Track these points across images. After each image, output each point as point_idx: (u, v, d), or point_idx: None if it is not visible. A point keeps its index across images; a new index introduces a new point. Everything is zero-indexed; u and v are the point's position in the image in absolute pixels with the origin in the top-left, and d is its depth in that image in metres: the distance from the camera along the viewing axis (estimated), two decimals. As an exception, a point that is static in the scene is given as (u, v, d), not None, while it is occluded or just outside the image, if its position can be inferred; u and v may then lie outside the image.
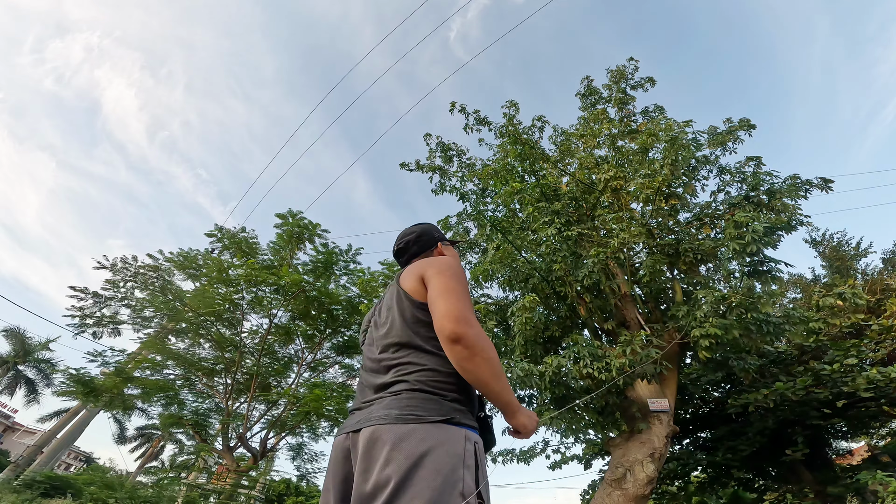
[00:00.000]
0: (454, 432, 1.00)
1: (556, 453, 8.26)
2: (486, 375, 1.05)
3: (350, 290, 10.15)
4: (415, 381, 1.08)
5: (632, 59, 8.02)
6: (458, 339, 1.03)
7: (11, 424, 34.74)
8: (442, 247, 1.52)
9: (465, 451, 0.98)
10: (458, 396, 1.09)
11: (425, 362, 1.11)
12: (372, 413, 1.05)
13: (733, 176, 6.80)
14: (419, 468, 0.91)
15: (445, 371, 1.10)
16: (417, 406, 1.03)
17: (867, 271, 14.23)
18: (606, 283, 5.76)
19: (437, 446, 0.95)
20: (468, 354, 1.03)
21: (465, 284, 1.19)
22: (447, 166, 8.44)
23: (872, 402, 6.56)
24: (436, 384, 1.08)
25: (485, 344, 1.05)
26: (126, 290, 10.34)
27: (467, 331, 1.03)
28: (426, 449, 0.94)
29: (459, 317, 1.04)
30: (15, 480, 14.13)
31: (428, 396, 1.05)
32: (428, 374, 1.09)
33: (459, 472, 0.93)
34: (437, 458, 0.93)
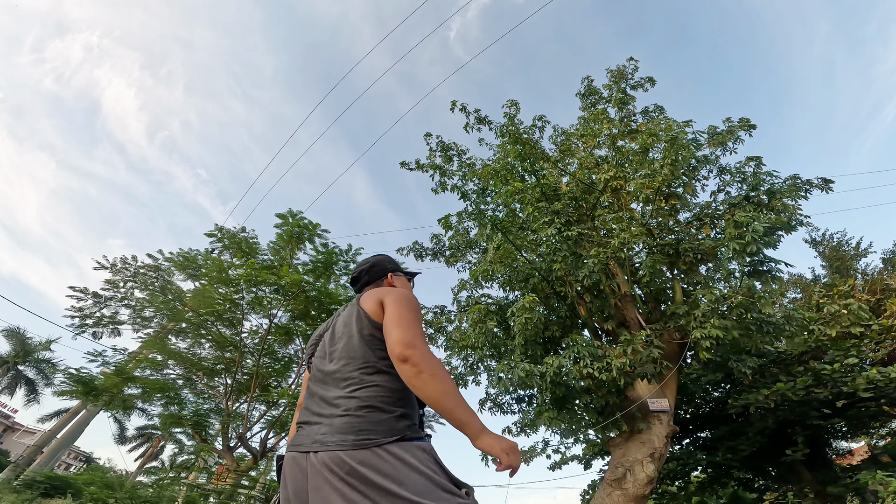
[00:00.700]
0: (409, 449, 1.08)
1: (556, 453, 8.25)
2: (437, 392, 1.11)
3: (350, 290, 10.15)
4: (365, 397, 1.17)
5: (632, 59, 8.03)
6: (406, 359, 1.13)
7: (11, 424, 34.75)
8: (392, 277, 1.65)
9: (428, 465, 1.06)
10: (406, 411, 1.18)
11: (375, 379, 1.21)
12: (326, 435, 1.12)
13: (733, 176, 6.80)
14: (397, 497, 0.98)
15: (392, 388, 1.20)
16: (371, 428, 1.10)
17: (867, 271, 14.24)
18: (606, 283, 5.76)
19: (405, 471, 1.03)
20: (415, 371, 1.12)
21: (418, 313, 1.31)
22: (447, 166, 8.44)
23: (872, 402, 6.56)
24: (384, 399, 1.17)
25: (433, 363, 1.14)
26: (126, 290, 10.34)
27: (414, 352, 1.14)
28: (397, 477, 1.01)
29: (408, 342, 1.16)
30: (15, 480, 14.13)
31: (378, 414, 1.14)
32: (377, 391, 1.19)
33: (435, 479, 1.03)
34: (411, 482, 1.01)
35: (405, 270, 1.75)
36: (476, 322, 6.12)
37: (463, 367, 7.55)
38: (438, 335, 7.86)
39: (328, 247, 10.19)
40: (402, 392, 1.20)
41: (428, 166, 8.38)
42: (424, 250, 8.75)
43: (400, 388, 1.20)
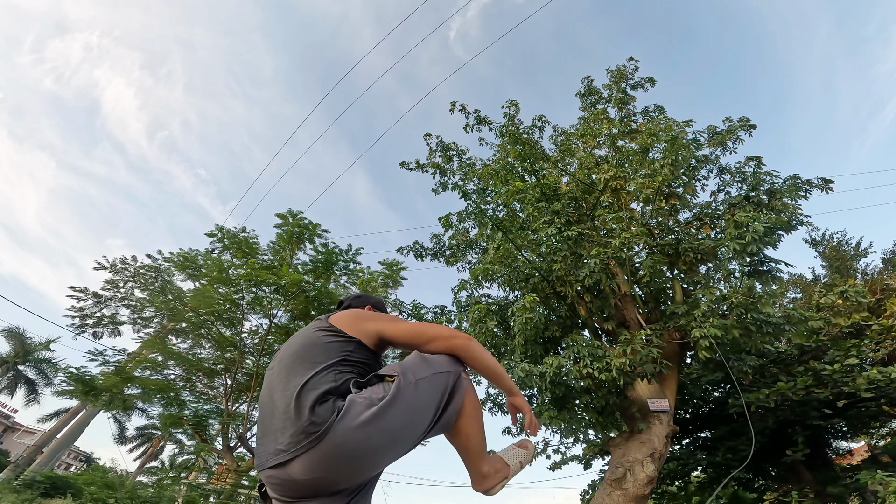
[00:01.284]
0: (351, 400, 1.14)
1: (557, 453, 8.26)
2: (496, 364, 1.41)
3: (350, 291, 10.15)
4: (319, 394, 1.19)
5: (632, 59, 8.03)
6: (469, 339, 1.36)
7: (11, 424, 34.74)
8: (372, 309, 1.77)
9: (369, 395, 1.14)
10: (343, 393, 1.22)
11: (315, 379, 1.22)
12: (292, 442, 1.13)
13: (733, 176, 6.80)
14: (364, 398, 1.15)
15: (327, 381, 1.22)
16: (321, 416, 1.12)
17: (867, 271, 14.24)
18: (606, 283, 5.76)
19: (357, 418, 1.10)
20: (482, 350, 1.38)
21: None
22: (447, 166, 8.44)
23: (873, 402, 6.56)
24: (324, 382, 1.21)
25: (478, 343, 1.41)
26: (126, 290, 10.34)
27: (466, 339, 1.37)
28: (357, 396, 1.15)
29: (455, 334, 1.38)
30: (15, 480, 14.13)
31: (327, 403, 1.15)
32: (316, 381, 1.22)
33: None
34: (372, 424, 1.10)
35: (381, 307, 1.90)
36: (476, 322, 6.12)
37: (463, 367, 7.55)
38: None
39: (328, 247, 10.18)
40: (344, 383, 1.30)
41: (428, 166, 8.39)
42: (424, 250, 8.75)
43: (343, 381, 1.28)
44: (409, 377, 1.21)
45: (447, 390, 1.26)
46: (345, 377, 1.24)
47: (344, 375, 1.25)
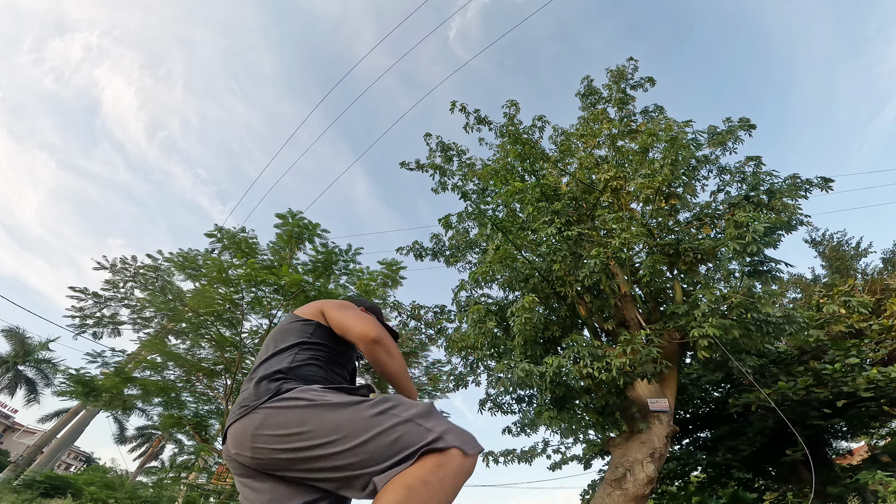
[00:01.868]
0: (282, 401, 1.12)
1: (557, 453, 8.25)
2: (400, 369, 1.37)
3: (349, 290, 10.14)
4: (256, 374, 1.28)
5: (632, 59, 8.02)
6: (378, 340, 1.32)
7: (11, 424, 34.73)
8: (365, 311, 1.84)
9: (295, 401, 1.10)
10: (288, 374, 1.24)
11: (272, 360, 1.31)
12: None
13: (733, 176, 6.80)
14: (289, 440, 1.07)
15: (282, 361, 1.29)
16: (257, 394, 1.18)
17: (867, 271, 14.23)
18: (606, 283, 5.75)
19: (279, 418, 1.08)
20: (387, 352, 1.33)
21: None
22: (447, 166, 8.44)
23: (872, 402, 6.56)
24: (269, 371, 1.25)
25: (397, 349, 1.38)
26: (126, 290, 10.34)
27: (379, 333, 1.33)
28: (274, 425, 1.09)
29: (370, 326, 1.34)
30: (15, 480, 14.13)
31: (263, 383, 1.21)
32: (263, 367, 1.29)
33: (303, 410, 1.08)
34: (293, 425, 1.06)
35: (385, 321, 1.91)
36: (476, 322, 6.11)
37: (463, 367, 7.55)
38: (438, 335, 7.85)
39: (328, 247, 10.18)
40: (294, 370, 1.29)
41: (428, 166, 8.38)
42: (424, 250, 8.74)
43: (294, 366, 1.29)
44: (385, 405, 1.07)
45: (410, 449, 0.97)
46: (303, 358, 1.30)
47: (302, 356, 1.31)
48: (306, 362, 1.31)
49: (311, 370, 1.30)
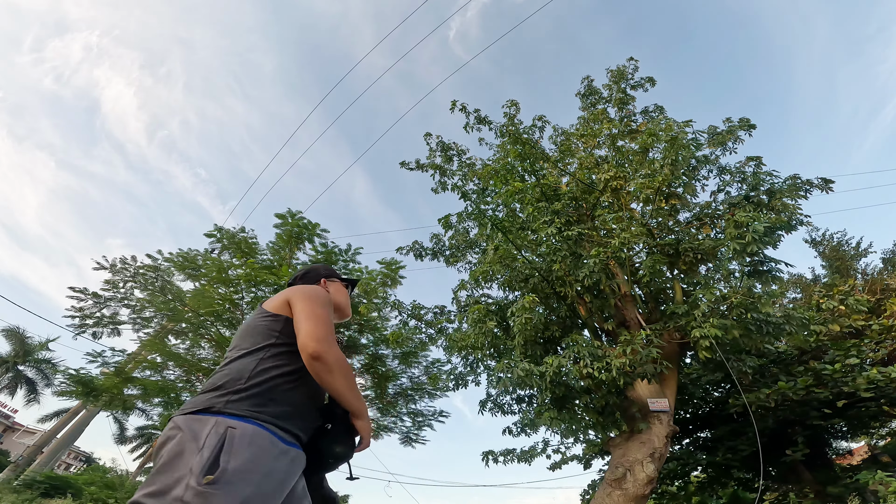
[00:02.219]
0: (201, 420, 1.05)
1: (557, 453, 8.25)
2: (342, 387, 1.22)
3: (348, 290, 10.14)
4: (215, 380, 1.19)
5: (632, 59, 8.02)
6: (318, 357, 1.17)
7: (11, 424, 34.72)
8: (326, 283, 1.68)
9: (207, 434, 1.00)
10: (243, 389, 1.14)
11: (236, 364, 1.22)
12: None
13: (733, 176, 6.80)
14: (164, 454, 1.00)
15: (244, 369, 1.19)
16: (194, 402, 1.13)
17: (867, 271, 14.23)
18: (606, 283, 5.75)
19: (178, 433, 1.02)
20: (327, 370, 1.19)
21: (329, 309, 1.34)
22: (447, 166, 8.44)
23: (872, 402, 6.56)
24: (225, 380, 1.16)
25: (341, 362, 1.22)
26: (126, 290, 10.33)
27: (327, 352, 1.18)
28: (171, 435, 1.03)
29: (321, 338, 1.19)
30: (15, 480, 14.12)
31: (212, 392, 1.13)
32: (222, 374, 1.20)
33: (191, 452, 0.97)
34: (177, 444, 1.00)
35: (344, 276, 1.79)
36: (476, 322, 6.11)
37: (463, 367, 7.55)
38: (438, 335, 7.85)
39: (328, 246, 10.18)
40: (255, 375, 1.18)
41: (428, 166, 8.38)
42: (424, 250, 8.74)
43: (254, 370, 1.18)
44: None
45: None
46: (268, 367, 1.19)
47: (267, 364, 1.20)
48: (273, 375, 1.19)
49: (278, 387, 1.18)
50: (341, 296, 1.67)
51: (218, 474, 0.93)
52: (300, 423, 1.20)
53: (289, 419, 1.16)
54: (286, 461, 1.10)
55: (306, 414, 1.24)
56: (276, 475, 1.05)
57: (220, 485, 0.92)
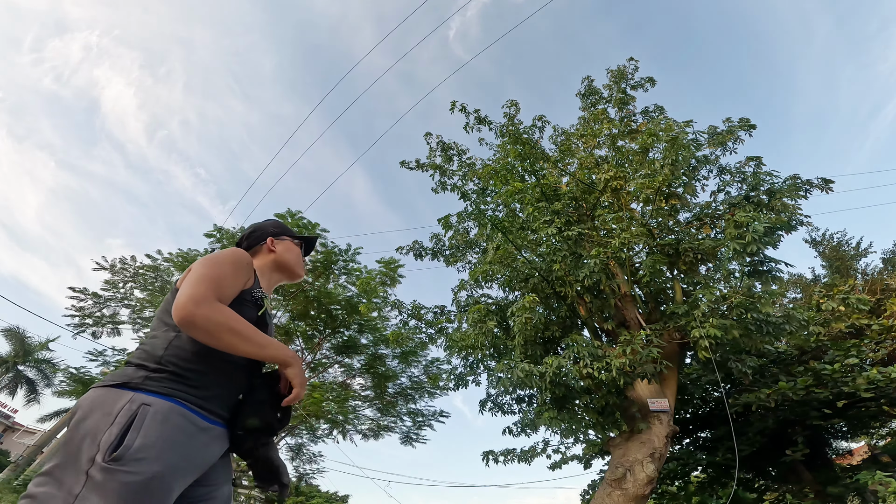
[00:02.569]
0: (117, 394, 1.02)
1: (557, 453, 8.25)
2: (238, 344, 1.10)
3: (349, 290, 10.15)
4: (135, 354, 1.15)
5: (632, 59, 8.02)
6: (188, 324, 1.06)
7: (11, 424, 34.69)
8: (273, 242, 1.54)
9: (119, 409, 0.98)
10: (158, 367, 1.09)
11: (147, 341, 1.17)
12: None
13: (733, 176, 6.80)
14: (74, 426, 0.97)
15: (157, 345, 1.14)
16: (114, 375, 1.09)
17: (867, 271, 14.23)
18: (606, 283, 5.75)
19: (93, 404, 1.00)
20: (206, 335, 1.08)
21: (219, 269, 1.19)
22: (447, 165, 8.43)
23: (872, 402, 6.56)
24: (143, 356, 1.12)
25: (218, 318, 1.08)
26: (125, 290, 10.34)
27: (194, 312, 1.05)
28: (85, 408, 1.00)
29: (188, 301, 1.06)
30: (15, 480, 14.13)
31: (132, 367, 1.09)
32: (141, 350, 1.15)
33: (102, 427, 0.95)
34: (90, 416, 0.98)
35: (297, 234, 1.65)
36: (476, 322, 6.11)
37: (463, 368, 7.54)
38: (438, 335, 7.85)
39: (327, 246, 10.19)
40: (169, 349, 1.12)
41: (428, 166, 8.37)
42: (424, 250, 8.73)
43: (166, 345, 1.13)
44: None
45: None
46: (181, 343, 1.12)
47: (180, 341, 1.12)
48: (187, 350, 1.12)
49: (194, 363, 1.11)
50: (291, 254, 1.55)
51: (122, 451, 0.92)
52: (220, 399, 1.15)
53: (209, 395, 1.12)
54: (205, 438, 1.08)
55: (227, 388, 1.17)
56: (191, 452, 1.04)
57: (125, 461, 0.91)
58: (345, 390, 10.70)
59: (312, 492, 25.32)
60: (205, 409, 1.10)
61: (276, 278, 1.53)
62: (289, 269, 1.54)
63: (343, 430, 11.08)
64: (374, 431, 12.00)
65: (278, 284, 1.60)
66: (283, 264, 1.52)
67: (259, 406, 1.19)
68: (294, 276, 1.57)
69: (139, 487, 0.91)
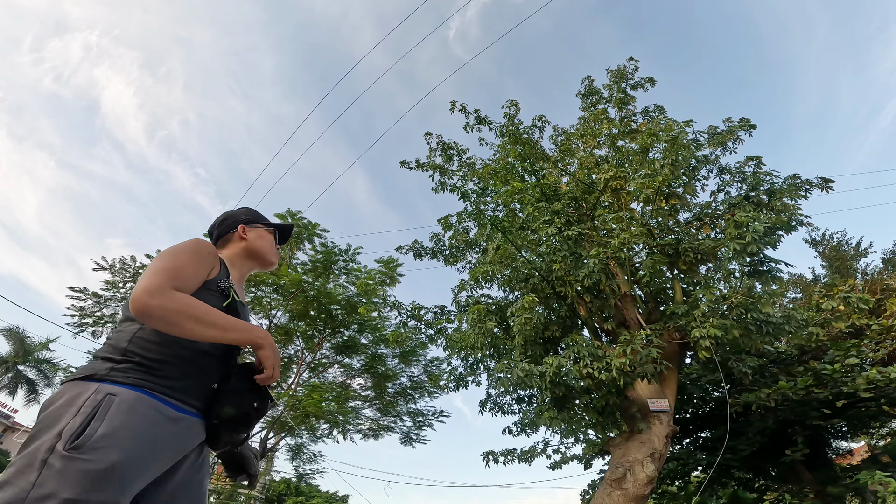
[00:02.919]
0: (84, 386, 1.02)
1: (557, 453, 8.25)
2: (202, 332, 1.09)
3: (349, 290, 10.15)
4: (102, 348, 1.15)
5: (632, 59, 8.01)
6: (144, 315, 1.04)
7: (11, 424, 34.70)
8: (245, 229, 1.51)
9: (84, 400, 0.98)
10: (124, 358, 1.09)
11: (113, 335, 1.17)
12: None
13: (733, 176, 6.80)
14: (40, 420, 0.99)
15: (122, 338, 1.13)
16: (82, 368, 1.10)
17: (867, 271, 14.23)
18: (606, 283, 5.75)
19: (60, 398, 1.01)
20: (164, 324, 1.06)
21: (178, 258, 1.17)
22: (447, 165, 8.43)
23: (872, 402, 6.56)
24: (108, 349, 1.12)
25: (174, 306, 1.06)
26: (125, 290, 10.33)
27: (148, 303, 1.03)
28: (52, 401, 1.01)
29: (142, 293, 1.04)
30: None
31: (98, 360, 1.10)
32: (107, 344, 1.15)
33: (65, 418, 0.96)
34: (55, 409, 0.99)
35: (270, 222, 1.60)
36: (476, 322, 6.11)
37: (463, 368, 7.55)
38: (438, 335, 7.85)
39: (327, 246, 10.18)
40: (131, 342, 1.11)
41: (428, 166, 8.37)
42: (424, 249, 8.74)
43: (129, 338, 1.12)
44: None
45: None
46: (145, 335, 1.12)
47: (144, 332, 1.12)
48: (153, 341, 1.11)
49: (162, 353, 1.11)
50: (263, 241, 1.52)
51: (82, 439, 0.92)
52: (191, 388, 1.14)
53: (179, 386, 1.11)
54: (176, 428, 1.07)
55: (198, 378, 1.16)
56: (158, 442, 1.03)
57: (85, 450, 0.91)
58: (345, 390, 10.70)
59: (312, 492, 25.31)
60: (175, 398, 1.09)
61: (248, 266, 1.50)
62: (261, 257, 1.51)
63: (343, 429, 11.09)
64: (374, 431, 12.00)
65: (252, 272, 1.57)
66: (254, 252, 1.49)
67: (234, 395, 1.17)
68: (267, 264, 1.55)
69: (98, 476, 0.90)
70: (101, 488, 0.91)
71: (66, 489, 0.87)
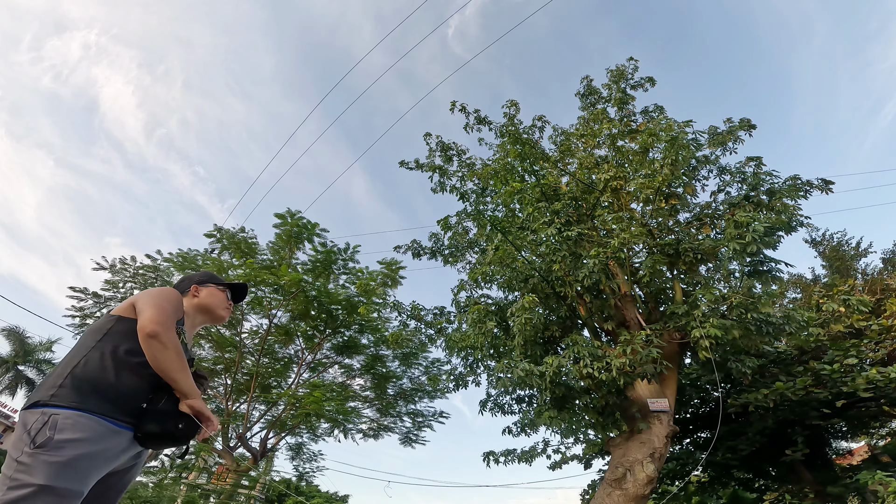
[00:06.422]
0: (31, 412, 1.24)
1: (557, 453, 8.25)
2: (174, 365, 1.36)
3: (349, 290, 10.15)
4: (45, 378, 1.38)
5: (632, 58, 8.01)
6: (155, 335, 1.33)
7: (11, 424, 34.71)
8: (199, 288, 1.79)
9: (33, 421, 1.20)
10: (62, 386, 1.29)
11: (63, 361, 1.39)
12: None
13: (733, 176, 6.79)
14: (9, 444, 1.23)
15: (69, 363, 1.35)
16: (30, 397, 1.31)
17: (867, 271, 14.23)
18: (606, 283, 5.75)
19: (17, 426, 1.23)
20: (162, 347, 1.34)
21: (170, 304, 1.48)
22: (447, 165, 8.42)
23: (872, 402, 6.56)
24: (53, 375, 1.34)
25: (175, 341, 1.37)
26: (125, 290, 10.34)
27: (161, 332, 1.34)
28: (13, 428, 1.28)
29: (159, 321, 1.35)
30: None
31: (42, 388, 1.30)
32: (54, 370, 1.37)
33: (25, 436, 1.18)
34: (16, 434, 1.21)
35: (227, 282, 1.89)
36: (475, 322, 6.11)
37: (463, 368, 7.55)
38: (438, 336, 7.85)
39: (327, 246, 10.19)
40: (77, 367, 1.33)
41: (427, 167, 8.37)
42: (423, 249, 8.73)
43: (77, 364, 1.33)
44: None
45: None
46: (95, 357, 1.34)
47: (94, 354, 1.35)
48: (95, 367, 1.33)
49: (102, 378, 1.31)
50: (213, 298, 1.78)
51: (44, 440, 1.15)
52: (124, 407, 1.33)
53: (115, 407, 1.31)
54: (118, 440, 1.30)
55: (132, 398, 1.36)
56: (104, 450, 1.25)
57: (48, 447, 1.14)
58: (344, 390, 10.70)
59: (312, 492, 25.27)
60: (110, 416, 1.29)
61: (199, 319, 1.78)
62: (210, 311, 1.78)
63: (344, 428, 11.08)
64: (374, 431, 12.00)
65: (203, 325, 1.87)
66: (205, 307, 1.76)
67: (160, 415, 1.38)
68: (216, 318, 1.82)
69: (60, 467, 1.14)
70: (66, 477, 1.14)
71: (39, 477, 1.11)
